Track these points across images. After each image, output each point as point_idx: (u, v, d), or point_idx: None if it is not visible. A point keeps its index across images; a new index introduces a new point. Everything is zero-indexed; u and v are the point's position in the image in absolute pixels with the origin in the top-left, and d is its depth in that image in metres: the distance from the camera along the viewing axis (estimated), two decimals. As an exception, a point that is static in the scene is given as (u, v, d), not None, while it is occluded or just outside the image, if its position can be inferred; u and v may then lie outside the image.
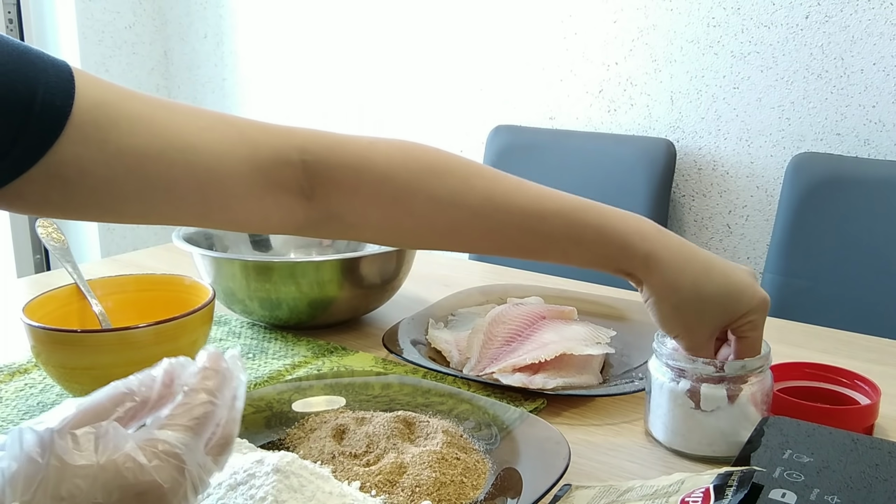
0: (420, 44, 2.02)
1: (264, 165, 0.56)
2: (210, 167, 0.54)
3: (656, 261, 0.61)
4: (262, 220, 0.59)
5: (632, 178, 1.63)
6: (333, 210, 0.60)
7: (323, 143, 0.59)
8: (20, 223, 2.40)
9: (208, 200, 0.55)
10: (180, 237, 0.92)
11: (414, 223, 0.61)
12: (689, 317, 0.63)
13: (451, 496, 0.56)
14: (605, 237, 0.62)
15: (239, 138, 0.56)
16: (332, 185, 0.59)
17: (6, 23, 2.32)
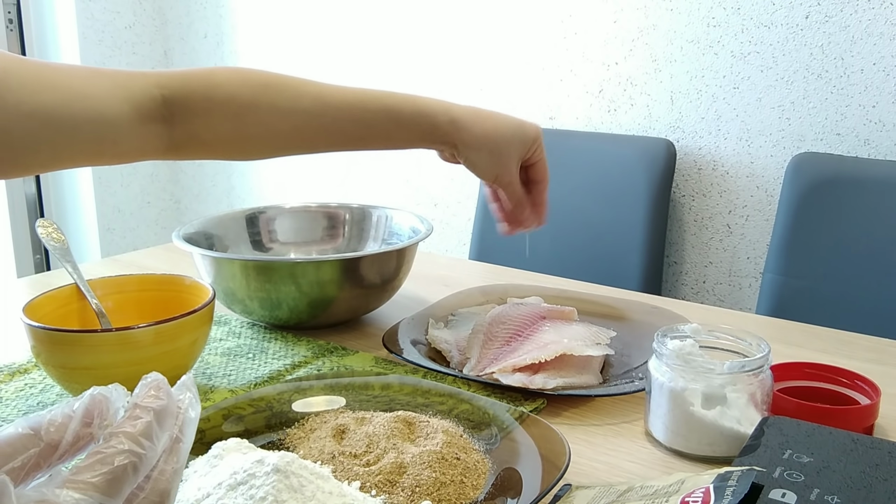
0: (420, 44, 2.02)
1: (137, 102, 0.68)
2: (101, 109, 0.65)
3: (461, 122, 0.79)
4: (141, 147, 0.70)
5: (632, 178, 1.63)
6: (191, 130, 0.72)
7: (174, 77, 0.71)
8: (20, 223, 2.40)
9: (104, 139, 0.66)
10: (180, 237, 0.92)
11: (260, 131, 0.74)
12: (499, 156, 0.81)
13: (451, 496, 0.56)
14: (418, 113, 0.78)
15: (115, 83, 0.67)
16: (187, 108, 0.71)
17: (6, 23, 2.32)
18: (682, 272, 1.74)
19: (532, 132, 0.82)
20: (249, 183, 2.47)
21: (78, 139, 0.64)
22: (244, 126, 0.73)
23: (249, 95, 0.72)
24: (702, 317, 0.95)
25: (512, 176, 0.82)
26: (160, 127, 0.70)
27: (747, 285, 1.66)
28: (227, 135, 0.73)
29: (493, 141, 0.80)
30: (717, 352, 0.69)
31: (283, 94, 0.74)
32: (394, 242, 1.03)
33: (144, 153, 0.71)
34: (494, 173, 0.82)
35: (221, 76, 0.73)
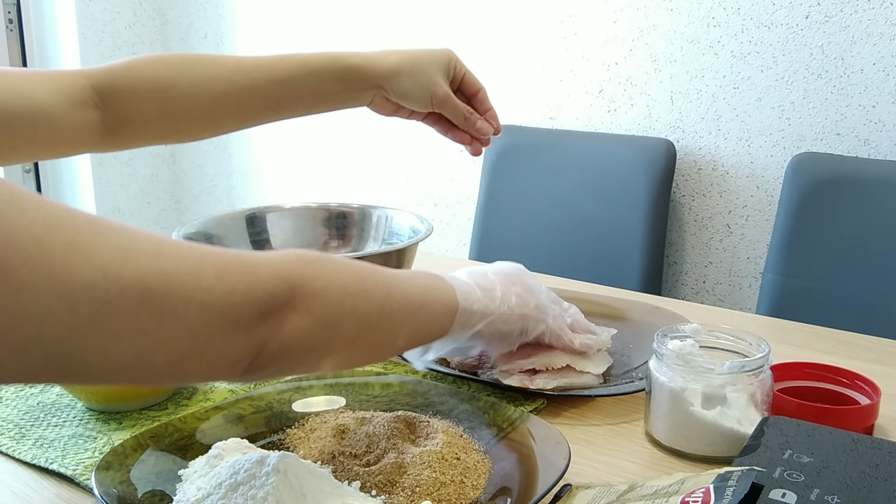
0: (420, 44, 2.02)
1: (66, 90, 0.70)
2: (34, 98, 0.67)
3: (372, 58, 0.81)
4: (76, 134, 0.71)
5: (632, 178, 1.63)
6: (121, 114, 0.74)
7: (102, 68, 0.74)
8: (20, 223, 2.40)
9: (37, 124, 0.67)
10: (180, 237, 0.92)
11: (184, 106, 0.76)
12: (424, 75, 0.82)
13: (451, 496, 0.56)
14: (332, 61, 0.80)
15: (44, 76, 0.70)
16: (114, 93, 0.73)
17: (6, 23, 2.32)
18: (682, 272, 1.74)
19: (443, 53, 0.84)
20: (249, 183, 2.47)
21: (13, 127, 0.65)
22: (168, 102, 0.75)
23: (170, 73, 0.75)
24: (702, 317, 0.95)
25: (445, 91, 0.83)
26: (92, 112, 0.72)
27: (747, 285, 1.66)
28: (155, 114, 0.75)
29: (411, 64, 0.82)
30: (717, 352, 0.69)
31: (201, 67, 0.76)
32: (394, 242, 1.03)
33: (82, 140, 0.73)
34: (427, 94, 0.83)
35: (145, 60, 0.76)
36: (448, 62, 0.84)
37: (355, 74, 0.81)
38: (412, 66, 0.82)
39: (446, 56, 0.84)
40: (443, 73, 0.84)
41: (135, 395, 0.72)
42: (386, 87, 0.82)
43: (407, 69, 0.82)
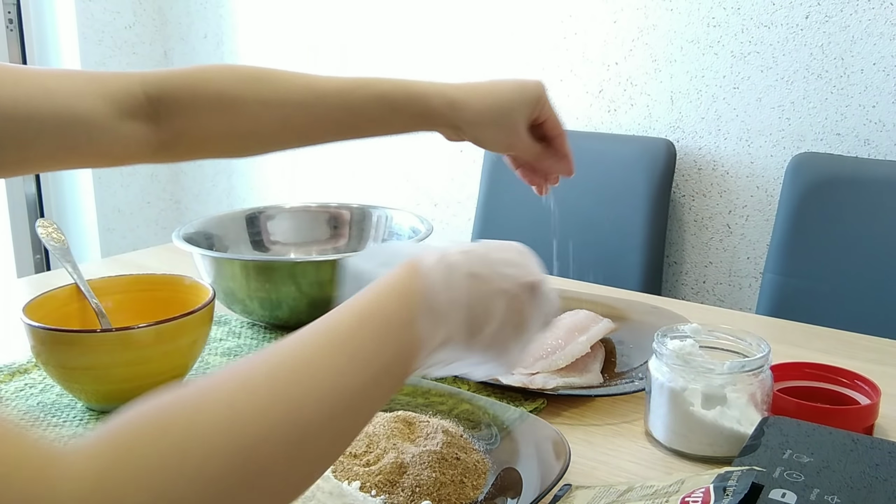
0: (420, 44, 2.02)
1: (115, 98, 0.65)
2: (70, 105, 0.62)
3: (458, 101, 0.75)
4: (124, 148, 0.66)
5: (632, 178, 1.63)
6: (178, 128, 0.68)
7: (159, 74, 0.68)
8: (20, 223, 2.40)
9: (75, 136, 0.62)
10: (180, 237, 0.92)
11: (249, 126, 0.71)
12: (507, 125, 0.77)
13: (451, 496, 0.56)
14: (412, 98, 0.74)
15: (89, 80, 0.64)
16: (172, 106, 0.68)
17: (6, 23, 2.32)
18: (682, 272, 1.74)
19: (534, 92, 0.77)
20: (249, 183, 2.47)
21: (45, 138, 0.61)
22: (233, 120, 0.70)
23: (237, 89, 0.70)
24: (702, 317, 0.95)
25: (523, 141, 0.79)
26: (145, 126, 0.67)
27: (747, 285, 1.66)
28: (217, 131, 0.71)
29: (496, 112, 0.76)
30: (717, 352, 0.69)
31: (271, 85, 0.72)
32: (394, 242, 1.03)
33: (131, 154, 0.68)
34: (505, 144, 0.79)
35: (208, 72, 0.71)
36: (535, 104, 0.78)
37: (436, 115, 0.75)
38: (499, 116, 0.76)
39: (535, 96, 0.77)
40: (527, 118, 0.78)
41: (135, 396, 0.72)
42: (466, 132, 0.77)
43: (492, 118, 0.76)
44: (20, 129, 0.59)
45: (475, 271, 0.48)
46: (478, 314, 0.47)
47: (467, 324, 0.47)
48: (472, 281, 0.48)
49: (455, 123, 0.76)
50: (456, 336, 0.47)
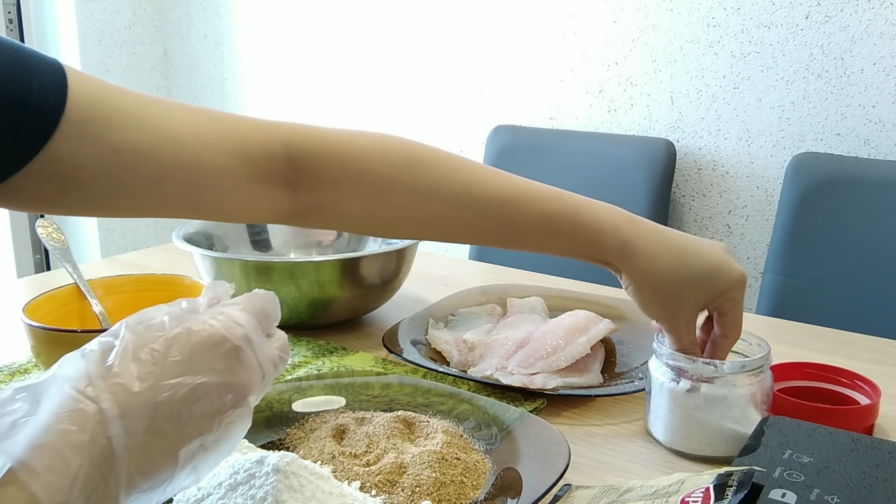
0: (420, 44, 2.02)
1: (252, 158, 0.58)
2: (199, 160, 0.56)
3: (631, 249, 0.63)
4: (251, 210, 0.61)
5: (632, 178, 1.63)
6: (317, 201, 0.62)
7: (307, 136, 0.61)
8: (20, 223, 2.40)
9: (198, 193, 0.57)
10: (180, 237, 0.92)
11: (393, 214, 0.63)
12: (669, 300, 0.65)
13: (451, 496, 0.56)
14: (580, 227, 0.64)
15: (227, 132, 0.57)
16: (315, 176, 0.61)
17: (6, 23, 2.32)
18: (682, 272, 1.74)
19: (726, 281, 0.65)
20: (249, 183, 2.47)
21: (166, 188, 0.55)
22: (378, 205, 0.63)
23: (388, 172, 0.62)
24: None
25: (677, 325, 0.66)
26: (279, 191, 0.60)
27: (747, 285, 1.66)
28: (357, 212, 0.63)
29: (666, 282, 0.64)
30: (717, 352, 0.69)
31: (426, 175, 0.63)
32: (394, 242, 1.03)
33: (258, 215, 0.62)
34: (656, 315, 0.66)
35: (362, 144, 0.62)
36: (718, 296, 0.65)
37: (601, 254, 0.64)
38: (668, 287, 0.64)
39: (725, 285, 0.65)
40: (700, 305, 0.66)
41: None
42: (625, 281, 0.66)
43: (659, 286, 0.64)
44: (138, 177, 0.54)
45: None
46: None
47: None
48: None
49: (618, 269, 0.65)
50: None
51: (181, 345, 0.39)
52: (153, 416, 0.37)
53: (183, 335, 0.39)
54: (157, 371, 0.38)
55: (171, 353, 0.38)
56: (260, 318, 0.43)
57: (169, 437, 0.38)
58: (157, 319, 0.40)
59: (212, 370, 0.39)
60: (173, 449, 0.38)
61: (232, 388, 0.40)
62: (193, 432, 0.38)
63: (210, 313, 0.41)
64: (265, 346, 0.42)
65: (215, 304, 0.44)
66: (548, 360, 0.76)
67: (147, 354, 0.38)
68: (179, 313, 0.41)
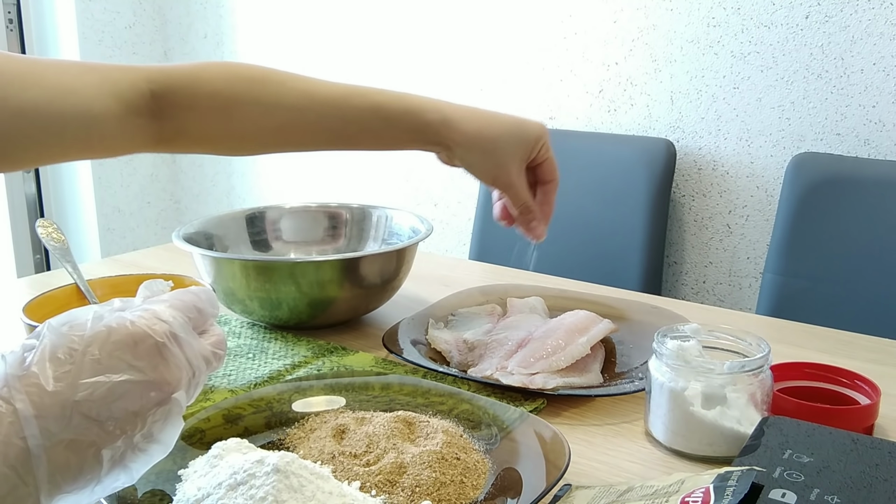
0: (420, 44, 2.02)
1: (125, 97, 0.67)
2: (90, 107, 0.64)
3: (451, 120, 0.75)
4: (129, 140, 0.69)
5: (632, 178, 1.63)
6: (179, 125, 0.70)
7: (163, 71, 0.70)
8: (20, 223, 2.40)
9: (91, 136, 0.65)
10: (180, 237, 0.92)
11: (244, 128, 0.73)
12: (495, 157, 0.77)
13: (451, 496, 0.56)
14: (407, 113, 0.74)
15: (103, 79, 0.65)
16: (174, 104, 0.69)
17: (6, 23, 2.32)
18: (682, 272, 1.74)
19: (534, 131, 0.78)
20: (249, 183, 2.47)
21: (66, 135, 0.63)
22: (229, 121, 0.72)
23: (234, 90, 0.71)
24: (702, 317, 0.95)
25: (511, 178, 0.78)
26: (148, 121, 0.69)
27: (747, 285, 1.66)
28: (213, 130, 0.72)
29: (488, 139, 0.76)
30: (717, 352, 0.69)
31: (267, 88, 0.72)
32: (394, 242, 1.03)
33: (133, 146, 0.70)
34: (492, 175, 0.78)
35: (209, 71, 0.72)
36: (534, 142, 0.77)
37: (429, 131, 0.75)
38: (491, 144, 0.76)
39: (534, 136, 0.78)
40: (521, 156, 0.77)
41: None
42: (455, 153, 0.77)
43: (482, 144, 0.76)
44: (44, 130, 0.61)
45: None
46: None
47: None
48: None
49: (446, 142, 0.76)
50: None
51: (100, 343, 0.38)
52: (71, 415, 0.37)
53: (102, 333, 0.39)
54: (75, 370, 0.37)
55: (89, 352, 0.38)
56: (190, 314, 0.43)
57: (89, 436, 0.37)
58: (80, 319, 0.40)
59: (132, 368, 0.39)
60: (95, 449, 0.37)
61: (154, 385, 0.39)
62: (115, 431, 0.38)
63: (133, 310, 0.41)
64: (194, 343, 0.42)
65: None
66: (548, 360, 0.76)
67: (64, 354, 0.38)
68: (106, 311, 0.41)
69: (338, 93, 0.74)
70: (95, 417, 0.37)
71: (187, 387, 0.41)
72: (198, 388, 0.43)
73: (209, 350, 0.43)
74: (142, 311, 0.41)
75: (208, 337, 0.44)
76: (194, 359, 0.42)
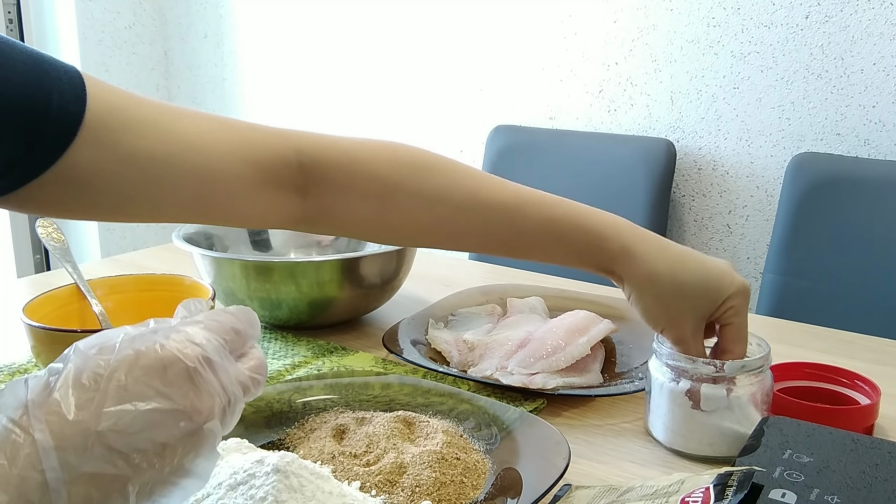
0: (420, 44, 2.02)
1: (263, 165, 0.59)
2: (213, 167, 0.57)
3: (632, 253, 0.64)
4: (261, 216, 0.62)
5: (632, 178, 1.63)
6: (326, 206, 0.63)
7: (317, 143, 0.62)
8: (20, 223, 2.40)
9: (211, 199, 0.58)
10: (180, 237, 0.92)
11: (400, 219, 0.65)
12: (670, 307, 0.65)
13: (451, 496, 0.56)
14: (583, 233, 0.65)
15: (240, 140, 0.59)
16: (324, 183, 0.62)
17: (6, 23, 2.32)
18: (682, 272, 1.74)
19: (727, 290, 0.64)
20: (249, 183, 2.47)
21: (180, 194, 0.56)
22: (384, 210, 0.64)
23: (397, 177, 0.63)
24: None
25: (683, 334, 0.65)
26: (289, 197, 0.62)
27: (747, 285, 1.66)
28: (365, 216, 0.64)
29: (668, 287, 0.64)
30: (717, 352, 0.69)
31: (432, 181, 0.64)
32: (394, 242, 1.03)
33: (266, 222, 0.64)
34: (661, 325, 0.66)
35: (371, 150, 0.64)
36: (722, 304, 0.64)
37: (605, 259, 0.65)
38: (669, 290, 0.64)
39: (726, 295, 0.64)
40: (702, 314, 0.65)
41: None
42: (626, 288, 0.66)
43: (660, 292, 0.64)
44: (154, 183, 0.55)
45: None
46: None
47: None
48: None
49: (621, 276, 0.65)
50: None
51: (127, 368, 0.35)
52: (93, 446, 0.34)
53: (129, 357, 0.36)
54: (99, 398, 0.34)
55: (114, 378, 0.35)
56: (227, 337, 0.39)
57: (113, 469, 0.34)
58: (110, 342, 0.37)
59: (161, 395, 0.35)
60: (120, 483, 0.34)
61: (185, 414, 0.36)
62: (142, 464, 0.35)
63: (165, 333, 0.38)
64: (230, 368, 0.39)
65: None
66: (548, 360, 0.76)
67: (89, 379, 0.35)
68: (138, 334, 0.38)
69: (509, 199, 0.65)
70: (120, 449, 0.34)
71: (222, 416, 0.38)
72: (235, 417, 0.39)
73: (247, 375, 0.40)
74: (174, 334, 0.38)
75: (247, 361, 0.41)
76: (230, 385, 0.38)
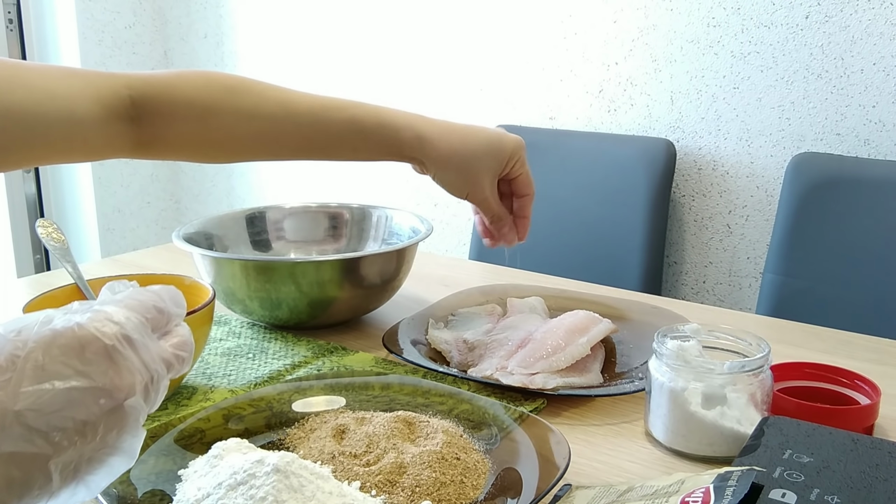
0: (420, 44, 2.02)
1: (107, 101, 0.68)
2: (75, 110, 0.65)
3: (426, 138, 0.77)
4: (109, 145, 0.70)
5: (632, 178, 1.63)
6: (157, 131, 0.72)
7: (143, 79, 0.71)
8: (20, 223, 2.40)
9: (73, 139, 0.66)
10: (180, 237, 0.92)
11: (222, 135, 0.74)
12: (469, 174, 0.79)
13: (451, 496, 0.56)
14: (382, 127, 0.77)
15: (87, 84, 0.67)
16: (152, 111, 0.71)
17: (6, 23, 2.32)
18: (682, 272, 1.74)
19: (508, 147, 0.80)
20: (249, 183, 2.47)
21: (50, 138, 0.64)
22: (206, 129, 0.74)
23: (211, 99, 0.73)
24: (702, 317, 0.95)
25: (483, 193, 0.80)
26: (128, 126, 0.71)
27: (747, 285, 1.66)
28: (190, 137, 0.74)
29: (461, 157, 0.78)
30: (717, 352, 0.69)
31: (245, 97, 0.74)
32: (394, 242, 1.03)
33: (113, 150, 0.72)
34: (464, 191, 0.80)
35: (186, 79, 0.73)
36: (507, 158, 0.80)
37: (404, 147, 0.78)
38: (464, 161, 0.78)
39: (508, 150, 0.80)
40: (494, 172, 0.80)
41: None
42: (429, 169, 0.80)
43: (456, 162, 0.78)
44: (29, 132, 0.62)
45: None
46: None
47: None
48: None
49: (419, 158, 0.78)
50: None
51: (44, 348, 0.35)
52: (11, 426, 0.34)
53: (47, 337, 0.36)
54: (16, 378, 0.34)
55: (31, 358, 0.35)
56: (148, 315, 0.40)
57: (33, 448, 0.34)
58: (29, 324, 0.37)
59: (79, 374, 0.35)
60: (41, 462, 0.34)
61: (104, 392, 0.36)
62: (63, 442, 0.35)
63: (82, 312, 0.38)
64: (151, 346, 0.39)
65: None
66: (548, 360, 0.76)
67: (7, 360, 0.35)
68: (57, 315, 0.38)
69: (315, 104, 0.76)
70: (39, 428, 0.34)
71: (144, 393, 0.38)
72: (159, 394, 0.39)
73: (170, 352, 0.40)
74: (91, 313, 0.38)
75: (170, 338, 0.41)
76: (152, 362, 0.38)
